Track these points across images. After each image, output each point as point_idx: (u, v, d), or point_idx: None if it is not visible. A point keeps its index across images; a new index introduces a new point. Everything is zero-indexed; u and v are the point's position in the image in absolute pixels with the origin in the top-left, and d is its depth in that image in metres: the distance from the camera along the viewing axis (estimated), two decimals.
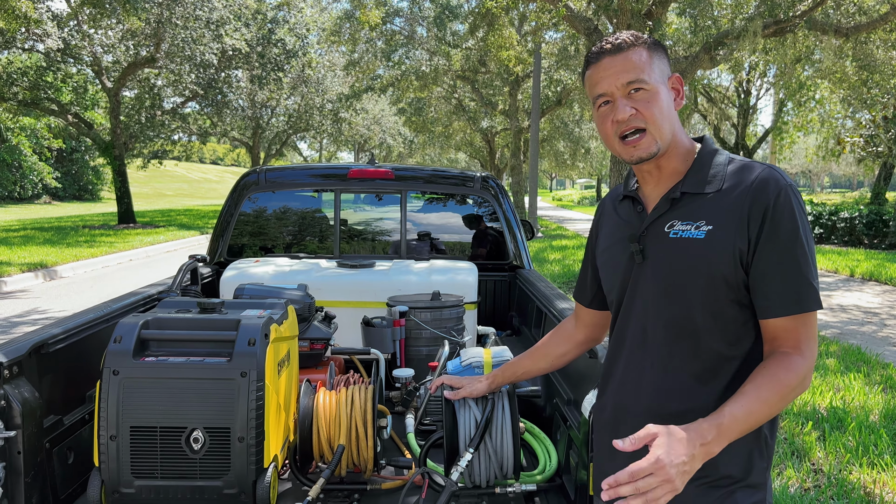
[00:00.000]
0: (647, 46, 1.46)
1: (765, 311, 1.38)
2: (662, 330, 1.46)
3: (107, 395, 2.11)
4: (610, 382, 1.60)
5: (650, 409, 1.47)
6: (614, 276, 1.57)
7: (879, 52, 10.10)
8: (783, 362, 1.34)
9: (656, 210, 1.48)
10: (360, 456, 2.28)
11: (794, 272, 1.35)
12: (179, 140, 27.63)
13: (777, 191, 1.36)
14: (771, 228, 1.36)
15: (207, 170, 69.97)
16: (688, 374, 1.44)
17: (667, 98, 1.45)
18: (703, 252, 1.39)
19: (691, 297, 1.41)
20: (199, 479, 2.15)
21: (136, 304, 2.95)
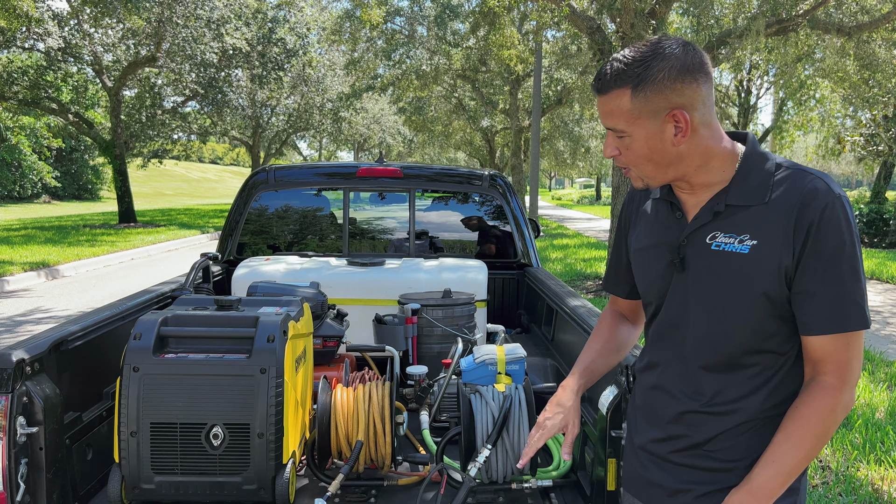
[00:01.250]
0: (632, 86, 1.32)
1: (806, 328, 1.34)
2: (701, 341, 1.43)
3: (127, 391, 2.13)
4: (644, 381, 1.57)
5: (685, 415, 1.45)
6: (651, 280, 1.52)
7: (881, 51, 10.12)
8: (817, 401, 1.32)
9: (697, 219, 1.42)
10: (377, 452, 2.30)
11: (837, 290, 1.31)
12: (179, 140, 27.62)
13: (824, 204, 1.30)
14: (815, 244, 1.30)
15: (207, 169, 69.92)
16: (726, 386, 1.41)
17: (655, 140, 1.35)
18: (747, 267, 1.35)
19: (732, 312, 1.38)
20: (219, 474, 2.16)
21: (150, 301, 2.96)
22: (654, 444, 1.51)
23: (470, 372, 2.77)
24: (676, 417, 1.46)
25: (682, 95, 1.32)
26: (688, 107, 1.33)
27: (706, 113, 1.36)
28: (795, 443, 1.31)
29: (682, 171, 1.40)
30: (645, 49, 1.34)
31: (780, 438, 1.33)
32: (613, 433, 2.06)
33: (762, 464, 1.33)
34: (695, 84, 1.33)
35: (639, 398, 1.59)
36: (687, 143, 1.36)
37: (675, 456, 1.47)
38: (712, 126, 1.38)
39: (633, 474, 1.59)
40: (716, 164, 1.40)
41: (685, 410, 1.45)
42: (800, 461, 1.32)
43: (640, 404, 1.57)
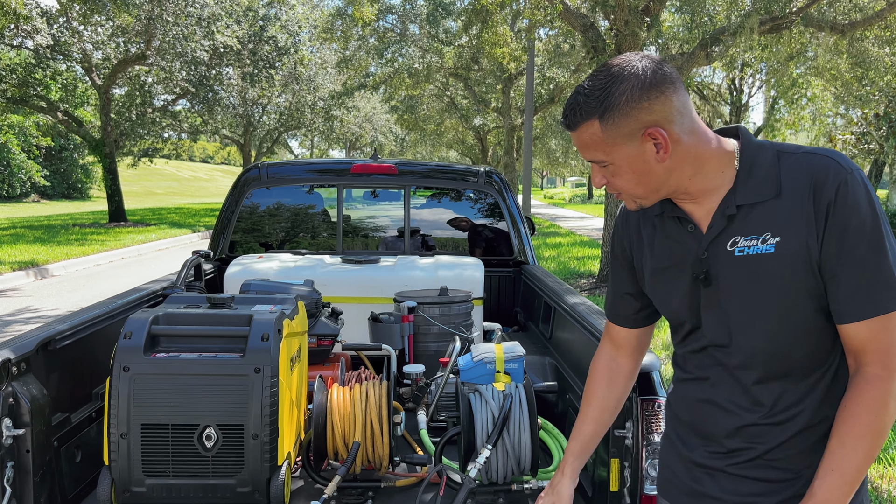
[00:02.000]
0: (598, 115, 1.27)
1: (840, 316, 1.26)
2: (747, 354, 1.34)
3: (117, 391, 2.07)
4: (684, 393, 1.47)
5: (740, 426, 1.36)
6: (677, 301, 1.42)
7: (874, 49, 10.13)
8: (865, 395, 1.24)
9: (712, 228, 1.33)
10: (374, 453, 2.25)
11: (866, 270, 1.23)
12: (170, 138, 27.45)
13: (837, 182, 1.23)
14: (836, 225, 1.23)
15: (197, 168, 69.61)
16: (781, 392, 1.33)
17: (638, 162, 1.29)
18: (776, 267, 1.27)
19: (772, 316, 1.30)
20: (212, 477, 2.11)
21: (141, 299, 2.90)
22: (709, 457, 1.41)
23: (468, 371, 2.72)
24: (735, 432, 1.37)
25: (651, 112, 1.26)
26: (661, 122, 1.27)
27: (685, 121, 1.29)
28: (852, 444, 1.23)
29: (675, 185, 1.33)
30: (603, 75, 1.28)
31: (835, 443, 1.25)
32: (617, 433, 2.02)
33: (821, 474, 1.25)
34: (663, 97, 1.26)
35: (685, 411, 1.47)
36: (672, 158, 1.29)
37: (734, 468, 1.38)
38: (697, 132, 1.31)
39: (678, 484, 1.49)
40: (711, 168, 1.33)
41: (744, 424, 1.36)
42: (861, 463, 1.23)
43: (689, 418, 1.46)
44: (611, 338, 1.64)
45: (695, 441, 1.45)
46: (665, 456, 1.55)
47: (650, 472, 1.97)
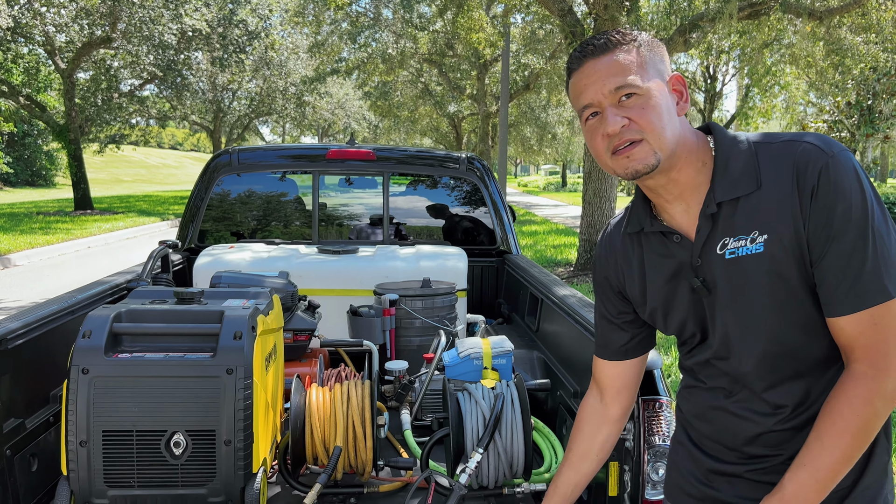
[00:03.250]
0: (637, 44, 1.23)
1: (826, 309, 1.18)
2: (755, 361, 1.26)
3: (75, 396, 1.89)
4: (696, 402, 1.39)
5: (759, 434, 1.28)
6: (682, 316, 1.34)
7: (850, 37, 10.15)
8: (848, 392, 1.16)
9: (700, 232, 1.25)
10: (357, 458, 2.10)
11: (852, 260, 1.14)
12: (137, 124, 26.83)
13: (819, 167, 1.14)
14: (819, 211, 1.14)
15: (166, 155, 68.29)
16: (794, 393, 1.25)
17: (666, 101, 1.22)
18: (768, 266, 1.19)
19: (774, 317, 1.22)
20: (181, 486, 1.94)
21: (103, 293, 2.71)
22: (728, 464, 1.34)
23: (454, 367, 2.59)
24: (754, 439, 1.29)
25: (668, 66, 1.26)
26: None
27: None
28: (829, 442, 1.15)
29: (676, 157, 1.24)
30: (619, 30, 1.26)
31: (813, 438, 1.17)
32: None
33: (794, 468, 1.18)
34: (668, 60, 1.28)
35: (698, 419, 1.39)
36: (682, 119, 1.25)
37: (754, 474, 1.30)
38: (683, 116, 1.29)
39: (688, 490, 1.41)
40: (696, 157, 1.25)
41: (763, 431, 1.28)
42: (836, 463, 1.14)
43: (704, 425, 1.38)
44: (597, 380, 1.54)
45: (711, 447, 1.37)
46: (676, 460, 1.46)
47: (652, 476, 1.86)
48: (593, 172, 9.90)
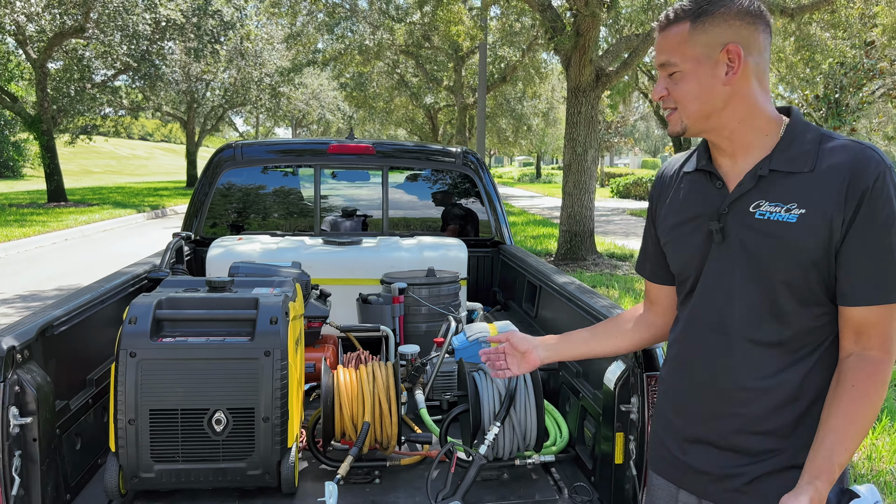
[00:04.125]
0: (692, 18, 1.35)
1: (850, 298, 1.31)
2: (746, 314, 1.38)
3: (124, 377, 2.04)
4: (678, 361, 1.52)
5: (727, 392, 1.41)
6: (687, 255, 1.47)
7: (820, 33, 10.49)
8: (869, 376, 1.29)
9: (740, 187, 1.38)
10: (383, 432, 2.27)
11: (886, 259, 1.28)
12: (110, 115, 26.47)
13: (877, 173, 1.28)
14: (867, 212, 1.28)
15: (136, 146, 67.29)
16: (772, 357, 1.37)
17: (706, 76, 1.35)
18: (795, 236, 1.31)
19: (778, 282, 1.34)
20: (222, 461, 2.10)
21: (127, 283, 2.83)
22: (696, 426, 1.46)
23: (463, 350, 2.77)
24: (720, 395, 1.42)
25: (738, 34, 1.34)
26: (743, 46, 1.34)
27: (760, 63, 1.37)
28: (854, 419, 1.28)
29: (723, 121, 1.38)
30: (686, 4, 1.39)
31: (834, 417, 1.29)
32: (623, 407, 2.08)
33: (818, 445, 1.28)
34: (753, 27, 1.34)
35: (674, 380, 1.52)
36: (735, 86, 1.35)
37: (719, 439, 1.43)
38: (763, 82, 1.38)
39: (668, 459, 1.53)
40: (760, 125, 1.38)
41: (730, 388, 1.40)
42: (858, 437, 1.28)
43: (678, 386, 1.51)
44: (648, 296, 1.70)
45: (683, 410, 1.49)
46: (657, 430, 1.59)
47: None
48: (573, 165, 10.12)
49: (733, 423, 1.40)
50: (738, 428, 1.40)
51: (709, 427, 1.44)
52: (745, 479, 1.40)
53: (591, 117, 9.83)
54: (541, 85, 24.77)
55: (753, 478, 1.39)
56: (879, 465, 3.79)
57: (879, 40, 12.70)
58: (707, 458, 1.44)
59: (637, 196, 27.81)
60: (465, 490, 2.08)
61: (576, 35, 9.03)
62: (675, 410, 1.52)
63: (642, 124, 57.17)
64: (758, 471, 1.39)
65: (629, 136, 46.15)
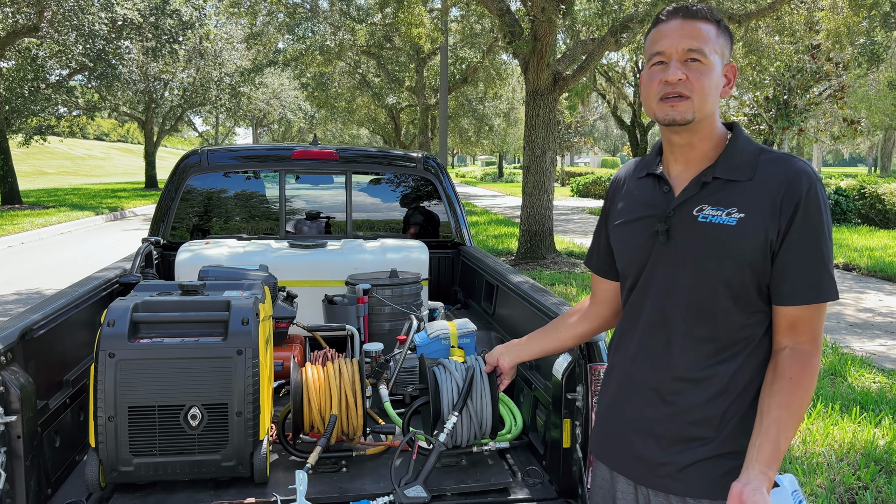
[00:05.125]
0: (718, 25, 1.48)
1: (787, 298, 1.43)
2: (684, 310, 1.49)
3: (104, 377, 2.16)
4: (620, 353, 1.63)
5: (663, 383, 1.52)
6: (632, 253, 1.58)
7: (767, 38, 10.92)
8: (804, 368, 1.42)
9: (685, 192, 1.50)
10: (349, 424, 2.43)
11: (818, 263, 1.42)
12: (64, 115, 25.96)
13: (809, 185, 1.42)
14: (800, 220, 1.41)
15: (92, 146, 65.91)
16: (706, 352, 1.48)
17: (718, 79, 1.47)
18: (734, 239, 1.43)
19: (716, 282, 1.46)
20: (198, 453, 2.23)
21: (99, 287, 2.94)
22: (635, 415, 1.57)
23: (425, 346, 2.95)
24: (658, 386, 1.53)
25: (729, 54, 1.53)
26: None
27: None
28: (793, 409, 1.39)
29: (703, 128, 1.50)
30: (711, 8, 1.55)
31: (776, 408, 1.39)
32: (569, 395, 2.28)
33: (765, 436, 1.38)
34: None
35: (617, 371, 1.64)
36: (717, 103, 1.50)
37: (657, 428, 1.53)
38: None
39: (608, 445, 1.65)
40: (716, 136, 1.52)
41: (667, 379, 1.52)
42: (798, 424, 1.40)
43: (620, 376, 1.62)
44: (595, 290, 1.84)
45: (624, 400, 1.61)
46: (601, 420, 1.70)
47: None
48: (532, 166, 10.36)
49: (668, 413, 1.51)
50: (672, 417, 1.50)
51: (646, 416, 1.54)
52: (677, 467, 1.49)
53: (549, 120, 10.08)
54: (502, 86, 25.08)
55: (685, 465, 1.49)
56: (813, 447, 4.08)
57: (824, 44, 13.24)
58: (644, 446, 1.54)
59: (596, 195, 28.31)
60: (425, 475, 2.25)
61: (533, 40, 9.27)
62: (617, 400, 1.63)
63: (602, 124, 58.02)
64: (689, 458, 1.48)
65: (588, 135, 46.83)
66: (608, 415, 1.67)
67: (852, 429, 4.33)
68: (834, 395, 4.97)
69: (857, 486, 3.63)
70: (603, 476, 1.68)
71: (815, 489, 3.58)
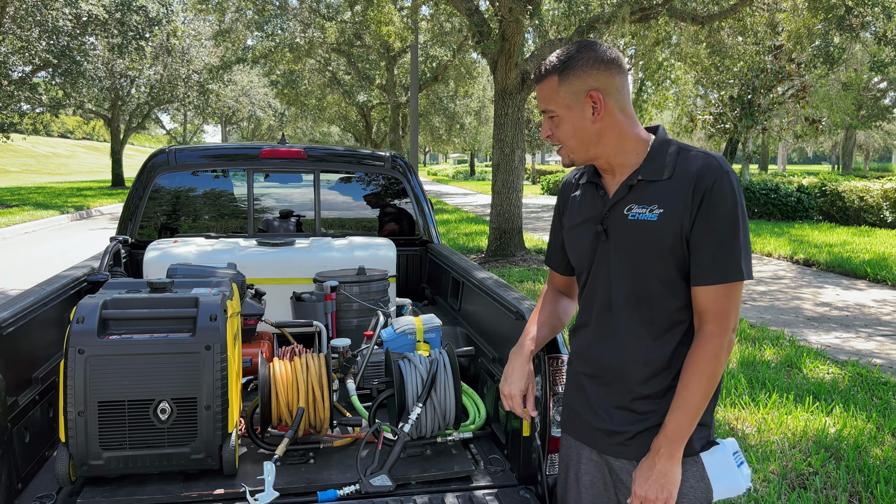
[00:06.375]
0: (559, 73, 1.65)
1: (695, 279, 1.61)
2: (625, 298, 1.69)
3: (73, 372, 2.20)
4: (580, 339, 1.83)
5: (614, 364, 1.72)
6: (581, 252, 1.78)
7: (729, 39, 11.19)
8: (703, 348, 1.59)
9: (616, 195, 1.70)
10: (316, 417, 2.50)
11: (723, 248, 1.57)
12: (28, 113, 25.47)
13: (714, 177, 1.58)
14: (707, 209, 1.58)
15: (56, 144, 64.65)
16: (647, 334, 1.67)
17: (577, 118, 1.66)
18: (656, 231, 1.62)
19: (648, 270, 1.65)
20: (167, 446, 2.29)
21: (68, 286, 2.96)
22: (595, 392, 1.77)
23: (391, 341, 3.03)
24: (612, 366, 1.73)
25: (597, 80, 1.65)
26: (602, 90, 1.65)
27: (621, 100, 1.67)
28: (692, 387, 1.59)
29: (601, 150, 1.69)
30: (572, 47, 1.69)
31: (680, 387, 1.62)
32: None
33: (670, 412, 1.62)
34: (608, 73, 1.65)
35: (580, 356, 1.83)
36: (603, 122, 1.66)
37: (612, 402, 1.74)
38: (627, 113, 1.69)
39: (575, 421, 1.85)
40: (630, 147, 1.69)
41: (616, 362, 1.72)
42: (699, 401, 1.60)
43: (582, 360, 1.82)
44: (553, 281, 2.04)
45: (586, 379, 1.81)
46: (567, 397, 1.91)
47: (556, 418, 2.35)
48: (501, 165, 10.48)
49: (621, 389, 1.72)
50: (624, 392, 1.72)
51: (604, 392, 1.76)
52: (629, 435, 1.72)
53: (517, 119, 10.21)
54: (472, 84, 25.21)
55: (635, 434, 1.71)
56: (768, 436, 4.24)
57: (786, 45, 13.57)
58: (605, 418, 1.75)
59: None
60: (390, 465, 2.33)
61: (501, 39, 9.38)
62: (581, 380, 1.83)
63: None
64: (638, 428, 1.70)
65: None
66: (573, 394, 1.87)
67: (805, 418, 4.50)
68: (789, 385, 5.15)
69: (807, 471, 3.80)
70: (569, 445, 1.89)
71: (767, 475, 3.74)
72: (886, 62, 13.29)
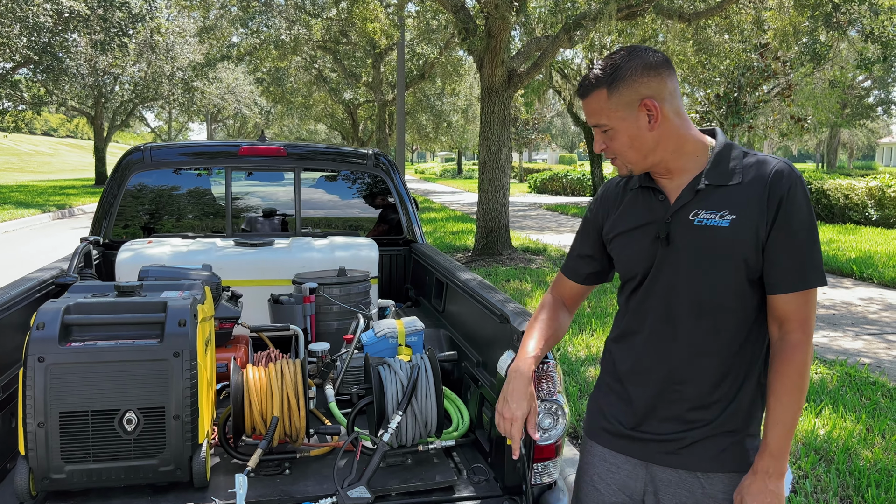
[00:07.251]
0: (607, 85, 1.59)
1: (776, 287, 1.57)
2: (688, 307, 1.62)
3: (33, 382, 2.09)
4: (628, 347, 1.74)
5: (670, 374, 1.65)
6: (635, 257, 1.70)
7: (716, 37, 11.16)
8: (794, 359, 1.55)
9: (680, 199, 1.63)
10: (292, 426, 2.39)
11: (801, 254, 1.55)
12: (9, 110, 25.12)
13: (790, 182, 1.55)
14: (784, 215, 1.55)
15: (39, 142, 63.96)
16: (710, 343, 1.61)
17: (633, 129, 1.60)
18: (728, 238, 1.57)
19: (715, 277, 1.59)
20: (134, 458, 2.17)
21: (33, 289, 2.84)
22: (645, 402, 1.69)
23: (372, 345, 2.93)
24: (665, 375, 1.66)
25: (649, 87, 1.58)
26: (656, 97, 1.59)
27: (674, 104, 1.61)
28: (787, 401, 1.55)
29: (659, 157, 1.63)
30: (617, 55, 1.62)
31: (773, 401, 1.56)
32: None
33: (770, 429, 1.56)
34: (659, 78, 1.59)
35: (624, 363, 1.75)
36: (660, 129, 1.60)
37: (666, 410, 1.67)
38: (682, 117, 1.63)
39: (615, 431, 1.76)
40: (689, 149, 1.64)
41: (673, 368, 1.65)
42: (795, 414, 1.56)
43: (628, 368, 1.73)
44: (559, 290, 1.95)
45: (633, 389, 1.73)
46: (599, 402, 1.82)
47: (541, 424, 2.25)
48: (488, 163, 10.39)
49: (676, 398, 1.66)
50: (680, 401, 1.66)
51: (655, 402, 1.69)
52: (683, 444, 1.66)
53: (504, 117, 10.12)
54: (459, 82, 25.10)
55: (688, 443, 1.65)
56: None
57: (772, 43, 13.57)
58: (656, 428, 1.69)
59: (553, 191, 28.57)
60: (369, 476, 2.23)
61: (487, 37, 9.28)
62: (626, 389, 1.75)
63: (559, 121, 58.55)
64: (692, 437, 1.65)
65: (546, 132, 47.22)
66: (617, 403, 1.78)
67: None
68: None
69: (797, 475, 3.73)
70: (605, 458, 1.80)
71: None
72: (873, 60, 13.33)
